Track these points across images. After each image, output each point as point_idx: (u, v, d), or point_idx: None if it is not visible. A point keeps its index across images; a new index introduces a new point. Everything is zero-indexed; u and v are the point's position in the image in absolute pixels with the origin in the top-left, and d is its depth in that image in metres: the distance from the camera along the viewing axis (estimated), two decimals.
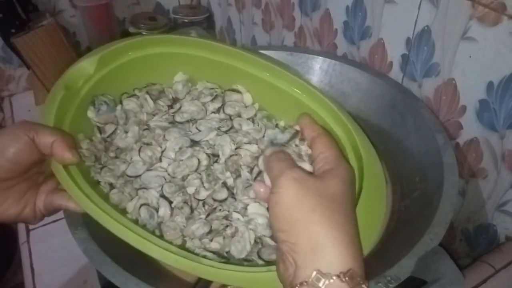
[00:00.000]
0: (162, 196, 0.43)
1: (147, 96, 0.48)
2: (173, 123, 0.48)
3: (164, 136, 0.46)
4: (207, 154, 0.45)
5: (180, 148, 0.45)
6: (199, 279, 0.45)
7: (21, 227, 0.72)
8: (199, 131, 0.47)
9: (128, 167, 0.44)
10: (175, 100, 0.50)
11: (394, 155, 0.58)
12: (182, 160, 0.44)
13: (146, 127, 0.47)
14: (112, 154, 0.45)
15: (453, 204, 0.43)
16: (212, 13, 1.06)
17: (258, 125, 0.48)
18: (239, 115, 0.49)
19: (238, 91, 0.50)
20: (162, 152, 0.45)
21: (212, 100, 0.49)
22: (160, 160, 0.45)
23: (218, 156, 0.46)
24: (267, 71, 0.47)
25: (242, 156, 0.45)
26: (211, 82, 0.51)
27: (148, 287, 0.39)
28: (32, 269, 0.64)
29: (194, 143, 0.46)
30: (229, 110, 0.49)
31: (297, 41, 0.78)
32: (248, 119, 0.49)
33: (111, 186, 0.43)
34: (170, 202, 0.43)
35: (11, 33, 0.85)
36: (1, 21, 0.85)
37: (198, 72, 0.50)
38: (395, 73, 0.60)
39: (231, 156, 0.45)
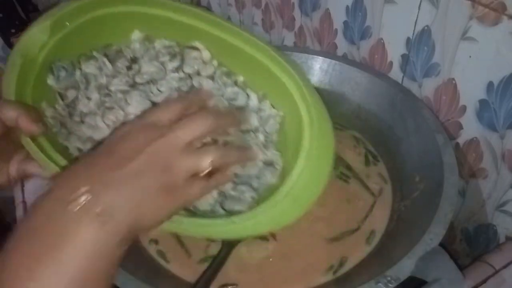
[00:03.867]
0: None
1: (105, 60, 0.47)
2: (133, 85, 0.47)
3: (126, 100, 0.45)
4: None
5: (139, 108, 0.45)
6: (199, 279, 0.45)
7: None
8: (160, 92, 0.46)
9: (93, 132, 0.44)
10: (133, 60, 0.50)
11: (394, 155, 0.58)
12: None
13: (107, 91, 0.46)
14: (77, 119, 0.45)
15: (453, 204, 0.43)
16: (212, 13, 1.06)
17: (218, 83, 0.48)
18: (198, 74, 0.49)
19: (196, 48, 0.50)
20: (125, 115, 0.44)
21: (170, 60, 0.49)
22: (124, 121, 0.44)
23: None
24: (222, 29, 0.47)
25: None
26: (169, 40, 0.51)
27: (148, 287, 0.39)
28: None
29: (153, 104, 0.45)
30: (188, 69, 0.48)
31: (297, 41, 0.78)
32: (207, 77, 0.48)
33: (80, 150, 0.43)
34: None
35: (11, 33, 0.85)
36: (1, 21, 0.85)
37: (155, 31, 0.50)
38: (395, 73, 0.60)
39: None
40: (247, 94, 0.46)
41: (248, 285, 0.46)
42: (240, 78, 0.48)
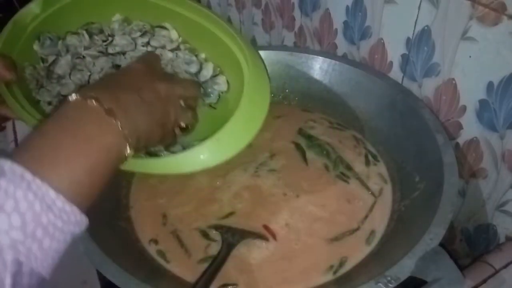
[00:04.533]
0: None
1: (84, 32, 0.55)
2: (105, 53, 0.54)
3: (94, 63, 0.53)
4: None
5: (102, 69, 0.53)
6: (199, 279, 0.45)
7: None
8: (125, 59, 0.54)
9: (62, 88, 0.52)
10: (110, 36, 0.56)
11: (394, 155, 0.58)
12: None
13: (80, 56, 0.54)
14: (54, 81, 0.53)
15: (453, 204, 0.43)
16: None
17: (178, 56, 0.54)
18: (163, 47, 0.54)
19: (165, 28, 0.55)
20: (90, 75, 0.53)
21: (141, 36, 0.55)
22: (88, 82, 0.53)
23: None
24: (192, 11, 0.53)
25: None
26: (144, 22, 0.57)
27: (148, 287, 0.39)
28: None
29: (117, 66, 0.53)
30: (154, 43, 0.54)
31: (297, 41, 0.78)
32: (170, 50, 0.54)
33: (49, 104, 0.51)
34: None
35: None
36: (1, 21, 0.85)
37: (133, 13, 0.56)
38: (395, 73, 0.60)
39: None
40: (201, 65, 0.54)
41: (248, 285, 0.46)
42: (202, 55, 0.55)
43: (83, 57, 0.54)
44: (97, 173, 0.34)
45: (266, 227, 0.51)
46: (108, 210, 0.52)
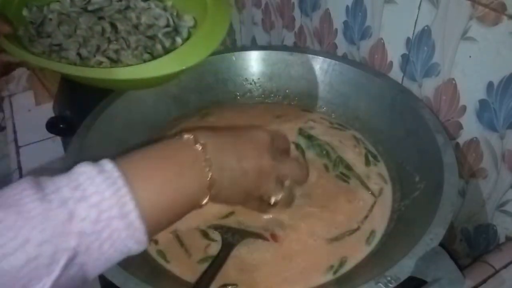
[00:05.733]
0: (78, 54, 0.59)
1: None
2: (85, 10, 0.63)
3: (78, 18, 0.62)
4: (109, 23, 0.62)
5: (88, 25, 0.61)
6: (199, 279, 0.45)
7: None
8: (104, 13, 0.64)
9: (52, 39, 0.60)
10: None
11: (394, 155, 0.58)
12: (91, 28, 0.61)
13: (66, 15, 0.63)
14: (44, 36, 0.61)
15: (453, 204, 0.43)
16: None
17: (149, 5, 0.65)
18: None
19: None
20: (75, 27, 0.61)
21: None
22: (75, 31, 0.61)
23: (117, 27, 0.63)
24: None
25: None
26: None
27: (148, 287, 0.39)
28: None
29: (100, 18, 0.62)
30: None
31: (297, 41, 0.78)
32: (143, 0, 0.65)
33: (43, 53, 0.60)
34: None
35: None
36: None
37: None
38: (395, 73, 0.60)
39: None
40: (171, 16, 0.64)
41: (248, 285, 0.46)
42: (169, 3, 0.66)
43: (68, 15, 0.63)
44: (172, 205, 0.36)
45: (271, 234, 0.50)
46: None
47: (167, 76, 0.51)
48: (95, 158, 0.34)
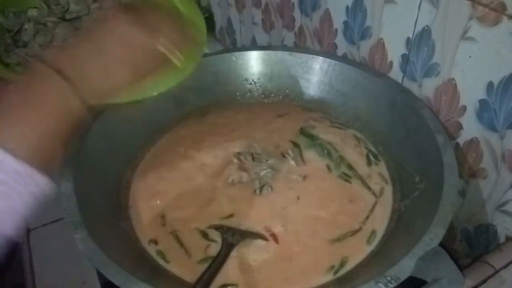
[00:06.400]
0: None
1: (42, 3, 0.63)
2: (63, 19, 0.64)
3: (55, 28, 0.63)
4: None
5: (65, 34, 0.63)
6: (199, 279, 0.45)
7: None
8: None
9: (28, 50, 0.61)
10: (66, 5, 0.65)
11: (394, 155, 0.58)
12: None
13: (43, 25, 0.63)
14: (20, 45, 0.62)
15: (453, 204, 0.43)
16: (212, 13, 1.06)
17: None
18: None
19: None
20: (52, 37, 0.62)
21: (93, 2, 0.64)
22: (51, 42, 0.62)
23: None
24: None
25: None
26: None
27: (148, 287, 0.39)
28: (32, 270, 0.64)
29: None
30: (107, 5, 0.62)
31: (297, 41, 0.78)
32: None
33: (18, 64, 0.61)
34: None
35: None
36: None
37: None
38: (395, 73, 0.60)
39: None
40: None
41: (248, 286, 0.46)
42: None
43: (45, 25, 0.64)
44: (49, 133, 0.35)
45: (272, 234, 0.50)
46: (108, 210, 0.52)
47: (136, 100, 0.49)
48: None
